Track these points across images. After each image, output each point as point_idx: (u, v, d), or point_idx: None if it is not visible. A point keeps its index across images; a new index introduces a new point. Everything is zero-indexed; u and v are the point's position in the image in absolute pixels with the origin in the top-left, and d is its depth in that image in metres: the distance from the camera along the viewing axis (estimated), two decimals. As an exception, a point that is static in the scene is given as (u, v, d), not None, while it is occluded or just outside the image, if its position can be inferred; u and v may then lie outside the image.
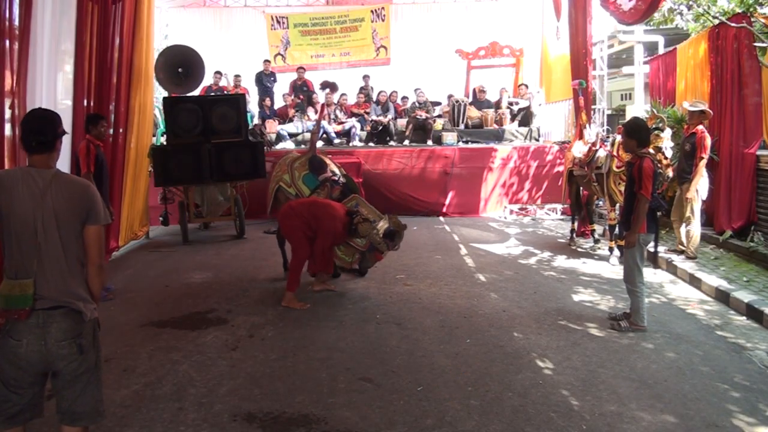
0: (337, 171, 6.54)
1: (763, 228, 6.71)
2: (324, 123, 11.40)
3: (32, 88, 5.36)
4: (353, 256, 5.87)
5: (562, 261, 6.93)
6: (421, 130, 11.25)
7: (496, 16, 13.53)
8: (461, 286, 5.90)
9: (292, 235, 5.44)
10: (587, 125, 7.99)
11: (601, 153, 6.85)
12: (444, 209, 10.20)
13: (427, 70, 13.33)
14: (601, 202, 8.28)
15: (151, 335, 4.68)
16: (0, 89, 4.74)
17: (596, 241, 7.63)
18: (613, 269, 6.48)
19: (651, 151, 4.87)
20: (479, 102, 12.25)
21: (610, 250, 6.88)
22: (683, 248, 6.60)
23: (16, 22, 5.03)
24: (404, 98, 12.30)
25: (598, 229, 7.98)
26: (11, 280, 2.37)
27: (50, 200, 2.39)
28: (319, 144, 11.04)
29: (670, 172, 6.39)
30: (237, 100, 8.42)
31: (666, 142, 6.24)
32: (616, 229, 6.87)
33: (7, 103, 4.88)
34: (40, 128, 2.46)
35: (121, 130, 7.53)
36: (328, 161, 6.62)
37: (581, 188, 7.77)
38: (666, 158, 6.20)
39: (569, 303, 5.35)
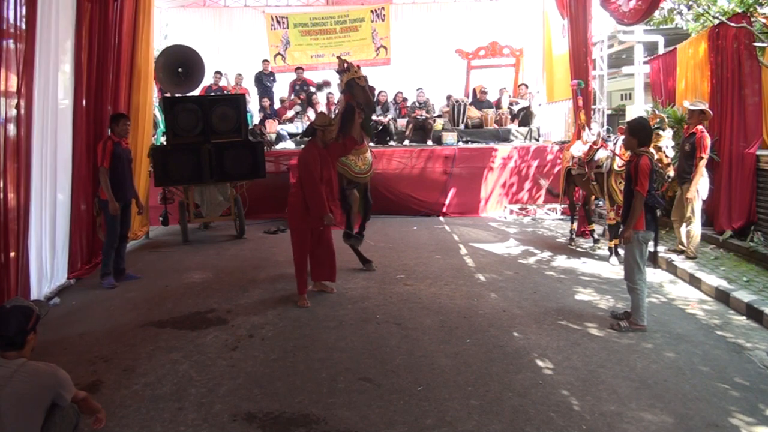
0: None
1: (763, 228, 6.71)
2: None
3: (33, 89, 5.36)
4: (366, 159, 5.99)
5: (562, 261, 6.93)
6: (421, 130, 11.26)
7: (496, 16, 13.54)
8: (461, 286, 5.90)
9: (293, 224, 5.41)
10: (586, 125, 7.98)
11: (602, 152, 6.85)
12: (444, 209, 10.19)
13: (427, 70, 13.34)
14: (601, 202, 8.28)
15: (151, 335, 4.68)
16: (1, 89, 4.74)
17: (596, 241, 7.63)
18: (613, 269, 6.48)
19: (651, 150, 4.89)
20: (479, 102, 12.25)
21: (610, 250, 6.87)
22: (683, 248, 6.60)
23: (22, 25, 5.05)
24: (398, 93, 12.28)
25: (598, 229, 7.98)
26: None
27: (10, 390, 2.46)
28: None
29: (671, 172, 6.38)
30: (237, 100, 8.41)
31: (667, 141, 6.24)
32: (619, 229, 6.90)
33: (12, 103, 4.89)
34: (5, 327, 2.58)
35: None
36: None
37: (577, 188, 7.77)
38: (667, 157, 6.21)
39: (569, 303, 5.35)
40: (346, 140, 5.60)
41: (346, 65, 5.90)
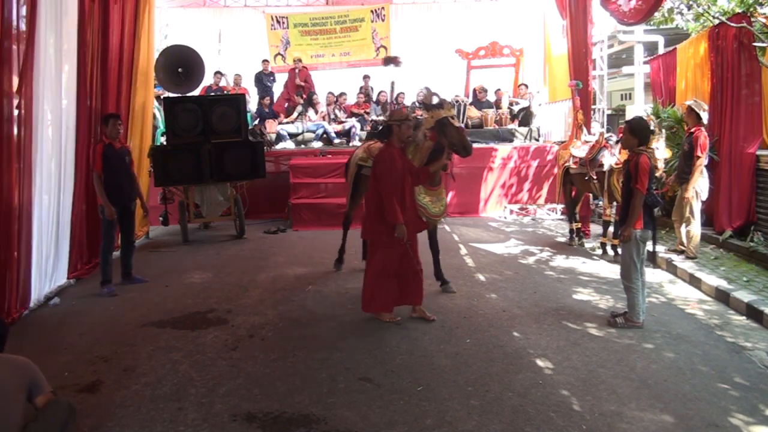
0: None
1: (762, 228, 6.71)
2: (324, 123, 11.43)
3: (35, 89, 5.36)
4: (442, 200, 5.40)
5: (561, 261, 6.93)
6: (421, 130, 11.22)
7: (496, 16, 13.53)
8: (461, 286, 5.89)
9: (377, 236, 4.85)
10: (584, 125, 7.98)
11: (606, 153, 6.85)
12: (444, 209, 10.18)
13: (427, 70, 13.32)
14: (600, 202, 8.28)
15: (151, 335, 4.68)
16: (2, 90, 4.74)
17: (579, 238, 7.71)
18: (612, 269, 6.48)
19: (650, 149, 4.90)
20: (479, 102, 12.25)
21: (602, 245, 6.99)
22: (683, 248, 6.61)
23: (23, 26, 5.06)
24: (400, 93, 12.25)
25: (597, 228, 7.97)
26: None
27: None
28: (319, 144, 11.07)
29: (657, 174, 6.42)
30: (237, 100, 8.42)
31: (657, 144, 6.27)
32: (611, 227, 6.97)
33: (14, 103, 4.90)
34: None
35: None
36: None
37: (572, 188, 7.80)
38: (656, 159, 6.23)
39: (569, 303, 5.35)
40: (421, 170, 5.03)
41: (438, 100, 5.24)
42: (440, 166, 5.12)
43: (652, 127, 6.20)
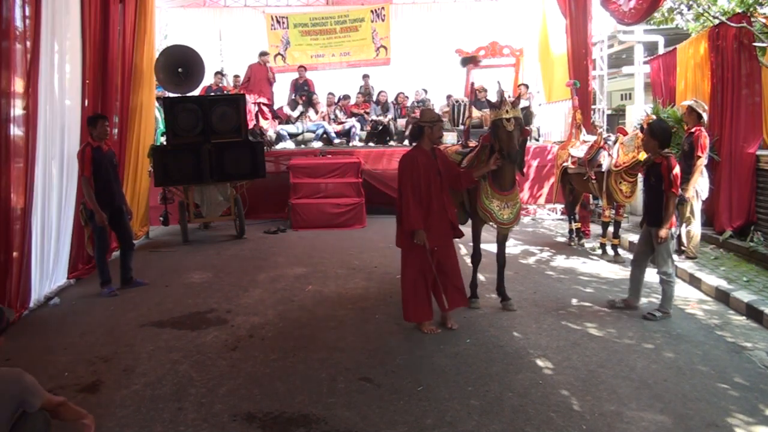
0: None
1: (762, 228, 6.71)
2: (324, 123, 11.43)
3: (38, 89, 5.36)
4: (514, 206, 5.15)
5: (561, 261, 6.94)
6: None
7: (496, 16, 13.54)
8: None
9: (403, 241, 4.69)
10: (582, 125, 7.98)
11: (604, 153, 6.86)
12: (444, 209, 10.16)
13: (427, 70, 13.33)
14: (600, 202, 8.29)
15: (151, 335, 4.68)
16: (4, 90, 4.74)
17: (579, 238, 7.74)
18: (612, 269, 6.48)
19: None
20: (479, 102, 12.23)
21: (602, 246, 6.99)
22: (683, 248, 6.61)
23: (26, 26, 5.06)
24: (399, 93, 12.26)
25: (596, 228, 7.97)
26: None
27: None
28: (319, 144, 11.07)
29: None
30: (237, 100, 8.42)
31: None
32: (610, 227, 6.97)
33: (16, 103, 4.90)
34: None
35: (121, 130, 7.55)
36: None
37: (570, 188, 7.82)
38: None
39: (569, 303, 5.35)
40: (464, 173, 4.91)
41: (500, 99, 4.85)
42: (483, 173, 4.91)
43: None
